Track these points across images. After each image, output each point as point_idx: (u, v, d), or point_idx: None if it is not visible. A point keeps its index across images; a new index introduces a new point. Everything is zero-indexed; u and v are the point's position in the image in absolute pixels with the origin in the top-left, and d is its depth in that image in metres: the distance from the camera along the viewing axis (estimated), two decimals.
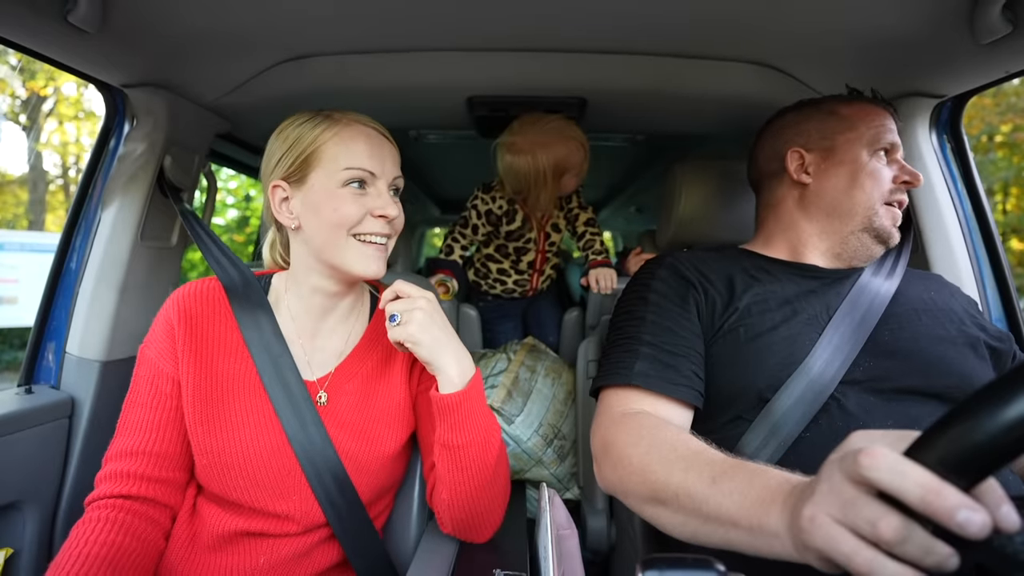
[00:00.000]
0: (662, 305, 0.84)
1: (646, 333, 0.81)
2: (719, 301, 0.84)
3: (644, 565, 0.39)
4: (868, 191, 0.85)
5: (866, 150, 0.86)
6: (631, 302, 0.88)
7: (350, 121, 0.78)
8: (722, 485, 0.55)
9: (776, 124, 0.98)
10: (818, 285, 0.86)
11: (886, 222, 0.86)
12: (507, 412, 1.29)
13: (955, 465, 0.34)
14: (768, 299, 0.82)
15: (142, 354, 0.80)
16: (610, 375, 0.79)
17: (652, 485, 0.62)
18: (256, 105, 1.22)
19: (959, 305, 0.87)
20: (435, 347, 0.73)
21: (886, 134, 0.86)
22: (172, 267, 1.25)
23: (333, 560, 0.81)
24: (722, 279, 0.86)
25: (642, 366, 0.77)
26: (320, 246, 0.77)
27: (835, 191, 0.87)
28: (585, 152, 1.44)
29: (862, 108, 0.88)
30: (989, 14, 0.80)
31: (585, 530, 1.16)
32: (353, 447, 0.79)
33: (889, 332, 0.79)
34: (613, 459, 0.69)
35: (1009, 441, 0.32)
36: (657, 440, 0.66)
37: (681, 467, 0.60)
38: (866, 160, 0.85)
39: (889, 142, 0.86)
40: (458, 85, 1.19)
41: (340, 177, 0.75)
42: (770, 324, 0.79)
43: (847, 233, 0.87)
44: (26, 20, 0.80)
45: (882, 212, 0.85)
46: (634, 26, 0.96)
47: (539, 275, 1.75)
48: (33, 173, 7.51)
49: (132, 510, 0.74)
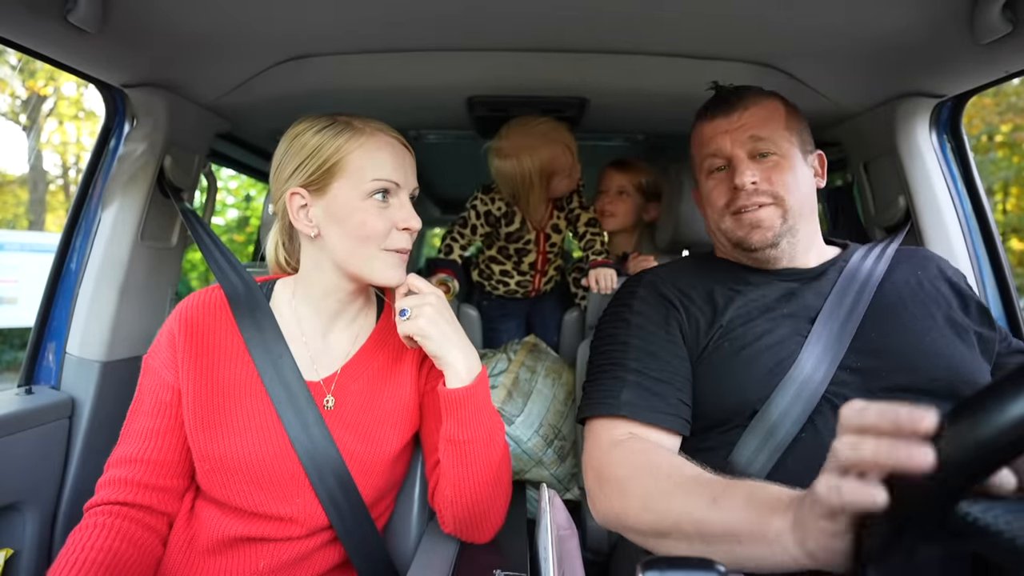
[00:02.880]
0: (645, 328, 0.83)
1: (631, 359, 0.80)
2: (702, 320, 0.83)
3: (644, 565, 0.39)
4: (707, 213, 0.93)
5: (703, 176, 0.91)
6: (613, 324, 0.87)
7: (374, 131, 0.77)
8: (723, 503, 0.55)
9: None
10: (798, 286, 0.85)
11: (738, 232, 0.87)
12: (507, 412, 1.29)
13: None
14: (751, 309, 0.82)
15: (146, 364, 0.81)
16: (597, 405, 0.78)
17: (653, 515, 0.62)
18: (256, 105, 1.22)
19: (945, 285, 0.85)
20: (444, 342, 0.75)
21: (706, 153, 0.89)
22: (172, 267, 1.25)
23: (334, 562, 0.81)
24: (702, 296, 0.86)
25: (628, 395, 0.76)
26: (344, 256, 0.77)
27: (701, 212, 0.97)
28: (573, 155, 1.42)
29: (699, 128, 0.92)
30: (989, 14, 0.80)
31: (585, 530, 1.16)
32: (358, 448, 0.79)
33: (876, 328, 0.78)
34: (608, 492, 0.69)
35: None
36: (652, 469, 0.66)
37: (680, 494, 0.60)
38: (707, 186, 0.90)
39: (711, 157, 0.89)
40: (458, 85, 1.19)
41: (366, 188, 0.75)
42: (754, 335, 0.79)
43: (719, 247, 0.94)
44: (26, 20, 0.80)
45: (727, 222, 0.88)
46: (634, 26, 0.96)
47: (541, 276, 1.75)
48: (33, 173, 7.50)
49: (130, 517, 0.74)
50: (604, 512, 0.70)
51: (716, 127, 0.87)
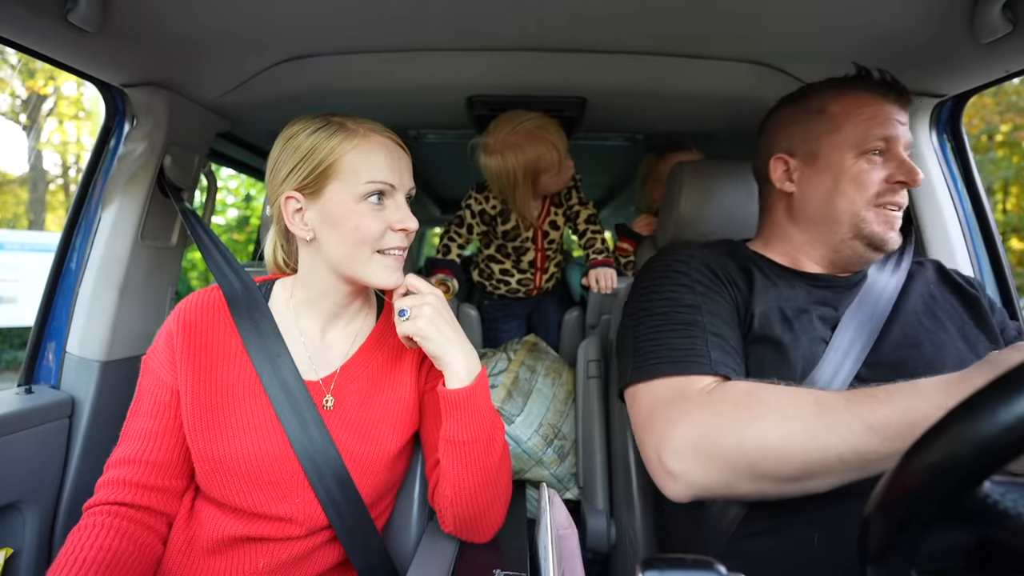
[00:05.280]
0: (709, 296, 0.79)
1: (707, 321, 0.74)
2: (741, 301, 0.81)
3: (644, 565, 0.39)
4: (851, 197, 0.80)
5: (851, 152, 0.80)
6: (671, 289, 0.81)
7: (367, 132, 0.76)
8: (879, 427, 0.54)
9: (767, 124, 0.94)
10: (831, 295, 0.84)
11: (876, 227, 0.80)
12: (507, 412, 1.29)
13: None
14: (784, 307, 0.80)
15: (145, 364, 0.81)
16: (683, 363, 0.71)
17: (802, 459, 0.56)
18: (256, 105, 1.21)
19: (959, 298, 0.85)
20: (443, 342, 0.74)
21: (877, 128, 0.79)
22: (172, 267, 1.25)
23: (333, 561, 0.81)
24: (743, 279, 0.83)
25: (719, 355, 0.71)
26: (339, 260, 0.77)
27: (817, 200, 0.83)
28: (560, 153, 1.38)
29: (855, 100, 0.81)
30: (989, 13, 0.80)
31: (585, 530, 1.16)
32: (357, 448, 0.79)
33: (892, 342, 0.78)
34: (728, 444, 0.60)
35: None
36: (782, 405, 0.59)
37: (831, 427, 0.55)
38: (850, 164, 0.80)
39: (883, 136, 0.79)
40: (458, 85, 1.19)
41: (360, 191, 0.74)
42: (789, 335, 0.77)
43: (837, 241, 0.83)
44: (26, 20, 0.80)
45: (871, 217, 0.80)
46: (634, 26, 0.95)
47: (542, 273, 1.74)
48: (33, 173, 7.50)
49: (129, 517, 0.74)
50: (710, 470, 0.61)
51: (890, 110, 0.80)
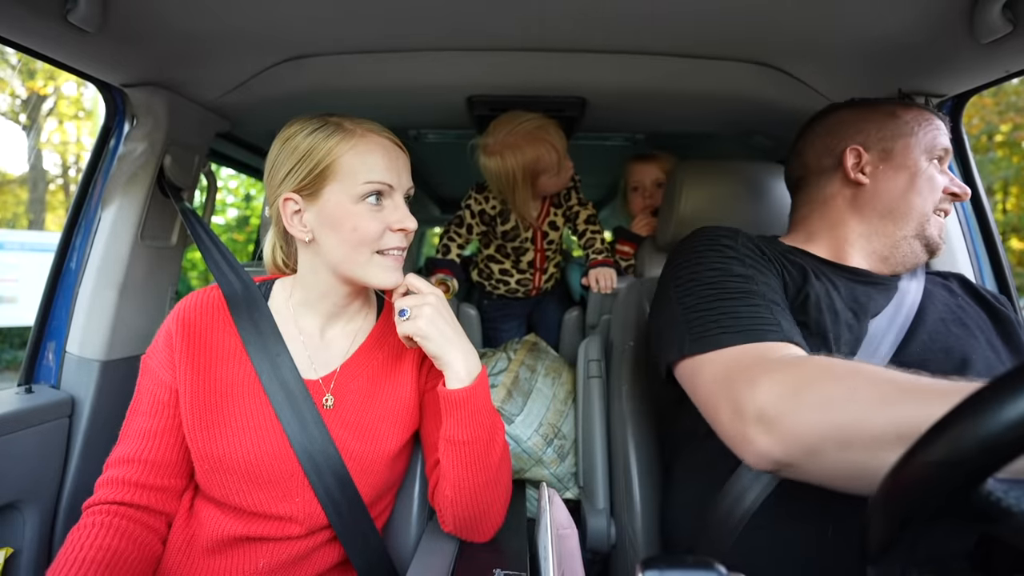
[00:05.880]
0: (759, 269, 0.79)
1: (764, 291, 0.73)
2: (791, 286, 0.81)
3: (644, 565, 0.39)
4: (924, 197, 0.84)
5: (924, 156, 0.84)
6: (717, 259, 0.79)
7: (365, 132, 0.76)
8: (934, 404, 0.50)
9: (830, 120, 0.94)
10: (869, 291, 0.84)
11: (933, 230, 0.85)
12: (507, 412, 1.29)
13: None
14: (833, 297, 0.80)
15: (144, 364, 0.81)
16: (753, 331, 0.67)
17: (895, 419, 0.51)
18: (256, 105, 1.21)
19: (986, 310, 0.86)
20: (443, 342, 0.74)
21: (942, 139, 0.85)
22: (172, 267, 1.25)
23: (333, 561, 0.81)
24: (791, 263, 0.84)
25: (788, 325, 0.70)
26: (338, 261, 0.77)
27: (892, 194, 0.85)
28: (559, 154, 1.38)
29: (920, 113, 0.87)
30: (989, 13, 0.80)
31: (585, 530, 1.16)
32: (357, 447, 0.79)
33: (919, 344, 0.78)
34: (821, 393, 0.54)
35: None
36: (875, 370, 0.55)
37: (921, 395, 0.51)
38: (924, 166, 0.84)
39: (944, 147, 0.85)
40: (458, 85, 1.19)
41: (358, 192, 0.74)
42: (831, 323, 0.77)
43: (899, 238, 0.86)
44: (26, 20, 0.80)
45: (933, 220, 0.85)
46: (634, 26, 0.95)
47: (541, 274, 1.74)
48: (33, 172, 7.50)
49: (129, 516, 0.74)
50: (810, 418, 0.54)
51: (935, 119, 0.87)
